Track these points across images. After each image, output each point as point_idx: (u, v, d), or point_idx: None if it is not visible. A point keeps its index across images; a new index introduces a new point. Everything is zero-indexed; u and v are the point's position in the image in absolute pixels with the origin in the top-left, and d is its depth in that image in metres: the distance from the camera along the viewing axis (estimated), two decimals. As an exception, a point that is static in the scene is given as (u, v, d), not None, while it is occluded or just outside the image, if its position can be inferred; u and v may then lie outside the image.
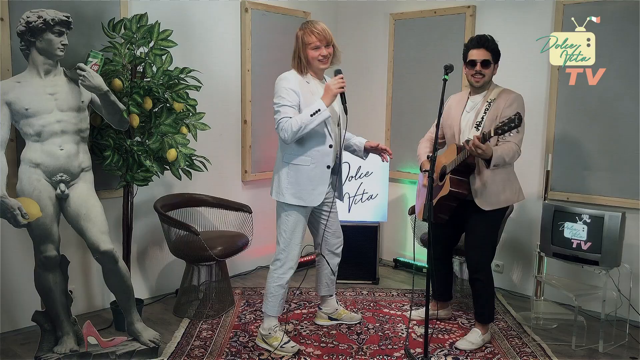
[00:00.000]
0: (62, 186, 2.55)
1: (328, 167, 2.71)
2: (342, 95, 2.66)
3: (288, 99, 2.62)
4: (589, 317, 3.22)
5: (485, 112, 2.81)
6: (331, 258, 3.07)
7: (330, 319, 3.20)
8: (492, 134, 2.58)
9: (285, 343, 2.83)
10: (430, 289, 3.21)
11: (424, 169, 3.02)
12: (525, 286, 3.73)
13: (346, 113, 2.72)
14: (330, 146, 2.70)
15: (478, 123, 2.80)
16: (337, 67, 2.75)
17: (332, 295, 3.18)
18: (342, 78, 2.62)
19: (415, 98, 4.13)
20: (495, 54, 2.83)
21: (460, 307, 3.48)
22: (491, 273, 2.96)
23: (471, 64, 2.81)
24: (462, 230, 3.04)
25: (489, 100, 2.83)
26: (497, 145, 2.76)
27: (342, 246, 3.09)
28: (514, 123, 2.50)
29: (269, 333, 2.87)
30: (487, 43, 2.79)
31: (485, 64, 2.80)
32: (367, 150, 2.99)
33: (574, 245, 3.04)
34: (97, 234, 2.59)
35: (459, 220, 2.96)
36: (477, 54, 2.79)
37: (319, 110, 2.56)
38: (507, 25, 3.66)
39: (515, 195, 2.90)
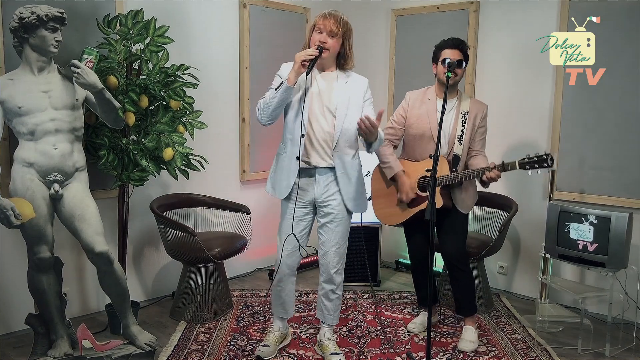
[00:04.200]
0: (56, 186, 2.51)
1: (297, 158, 2.53)
2: (310, 62, 2.43)
3: (273, 84, 2.56)
4: (596, 320, 3.17)
5: (463, 125, 2.87)
6: (325, 283, 2.72)
7: (319, 347, 2.85)
8: (516, 167, 2.70)
9: (263, 345, 2.79)
10: (418, 296, 3.22)
11: (423, 179, 2.93)
12: (530, 288, 3.68)
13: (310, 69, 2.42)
14: (302, 135, 2.50)
15: (460, 136, 2.87)
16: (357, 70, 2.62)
17: (324, 323, 2.82)
18: (316, 48, 2.43)
19: (417, 96, 4.07)
20: (466, 58, 2.88)
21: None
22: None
23: (445, 62, 2.83)
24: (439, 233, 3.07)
25: (463, 112, 2.89)
26: (469, 155, 2.92)
27: (327, 273, 2.69)
28: (547, 164, 2.65)
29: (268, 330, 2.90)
30: (462, 45, 2.86)
31: (459, 64, 2.83)
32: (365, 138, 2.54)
33: (580, 247, 3.00)
34: (92, 235, 2.55)
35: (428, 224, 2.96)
36: (451, 54, 2.83)
37: (282, 82, 2.45)
38: (512, 21, 3.62)
39: (476, 195, 3.02)
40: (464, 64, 2.85)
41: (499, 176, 2.74)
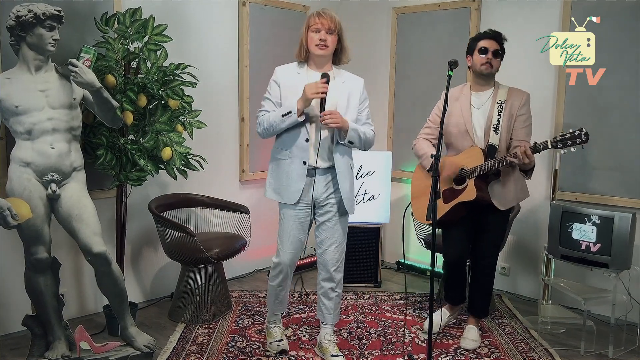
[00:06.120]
0: (54, 186, 2.49)
1: (304, 162, 2.53)
2: (322, 100, 2.45)
3: (270, 92, 2.60)
4: (598, 322, 3.14)
5: (499, 114, 2.79)
6: (325, 281, 2.72)
7: (319, 348, 2.82)
8: (548, 146, 2.60)
9: (275, 341, 2.80)
10: (443, 292, 3.19)
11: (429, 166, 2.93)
12: (533, 289, 3.65)
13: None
14: (307, 140, 2.52)
15: (495, 126, 2.79)
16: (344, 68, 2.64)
17: (324, 323, 2.80)
18: (325, 83, 2.43)
19: (419, 95, 4.06)
20: (503, 49, 2.85)
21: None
22: None
23: (483, 51, 2.79)
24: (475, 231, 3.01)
25: (500, 101, 2.82)
26: (510, 146, 2.82)
27: (326, 271, 2.69)
28: (581, 139, 2.54)
29: (268, 326, 2.89)
30: (499, 37, 2.83)
31: (495, 53, 2.79)
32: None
33: (583, 247, 2.98)
34: (90, 236, 2.53)
35: (474, 221, 2.92)
36: (488, 44, 2.80)
37: (290, 112, 2.45)
38: (514, 20, 3.59)
39: (523, 192, 2.94)
40: (500, 55, 2.82)
41: (527, 154, 2.58)
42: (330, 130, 2.53)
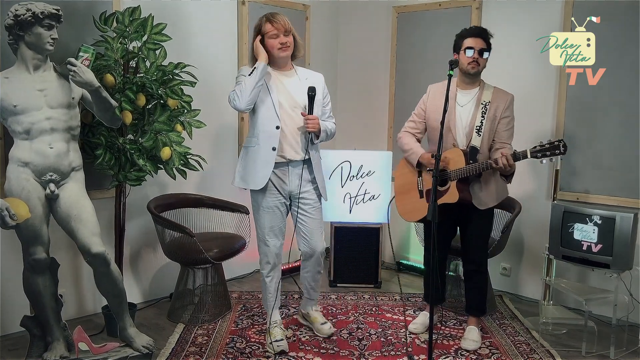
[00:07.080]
0: (52, 186, 2.48)
1: (273, 148, 2.66)
2: (310, 100, 2.66)
3: (241, 81, 2.70)
4: (600, 322, 3.13)
5: (483, 115, 2.79)
6: (313, 266, 2.94)
7: (304, 318, 3.12)
8: (527, 156, 2.61)
9: (275, 340, 2.81)
10: (425, 292, 3.19)
11: (428, 168, 2.90)
12: (534, 290, 3.64)
13: (311, 112, 2.69)
14: (277, 127, 2.66)
15: (478, 127, 2.79)
16: (303, 60, 2.83)
17: (311, 298, 3.07)
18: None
19: (419, 95, 4.01)
20: (489, 47, 2.82)
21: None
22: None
23: (469, 50, 2.78)
24: (455, 230, 3.04)
25: (484, 102, 2.81)
26: (494, 148, 2.80)
27: (314, 256, 2.89)
28: (559, 150, 2.58)
29: (269, 328, 2.91)
30: (484, 34, 2.81)
31: (482, 52, 2.78)
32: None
33: (584, 248, 2.96)
34: (89, 236, 2.51)
35: (454, 220, 2.93)
36: (474, 42, 2.78)
37: (255, 68, 2.59)
38: (514, 19, 3.58)
39: (504, 191, 2.94)
40: (487, 53, 2.79)
41: (510, 164, 2.62)
42: (301, 125, 2.71)
